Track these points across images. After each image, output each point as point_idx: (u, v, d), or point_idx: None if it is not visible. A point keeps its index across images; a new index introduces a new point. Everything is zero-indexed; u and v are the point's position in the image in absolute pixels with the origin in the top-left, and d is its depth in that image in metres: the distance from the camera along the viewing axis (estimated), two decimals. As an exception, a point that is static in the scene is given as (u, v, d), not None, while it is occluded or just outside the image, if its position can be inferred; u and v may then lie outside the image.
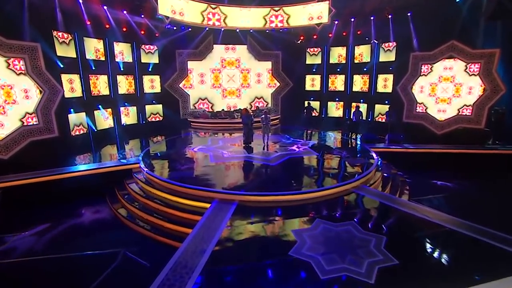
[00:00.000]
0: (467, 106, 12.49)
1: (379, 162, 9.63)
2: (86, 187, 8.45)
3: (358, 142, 12.90)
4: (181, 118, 17.88)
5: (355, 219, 5.93)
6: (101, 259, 5.80)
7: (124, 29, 14.15)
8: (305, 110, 17.46)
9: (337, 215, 6.24)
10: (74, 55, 11.90)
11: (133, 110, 15.53)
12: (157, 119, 16.78)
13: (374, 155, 10.30)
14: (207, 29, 16.91)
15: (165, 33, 15.70)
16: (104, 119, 13.83)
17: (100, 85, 13.53)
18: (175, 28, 15.92)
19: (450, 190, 9.86)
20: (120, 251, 5.90)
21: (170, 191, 7.42)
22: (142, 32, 14.86)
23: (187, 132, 15.88)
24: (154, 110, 16.66)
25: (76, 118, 12.10)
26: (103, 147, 12.39)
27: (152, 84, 16.41)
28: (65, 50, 11.47)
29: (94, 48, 13.08)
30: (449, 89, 12.84)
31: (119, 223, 7.35)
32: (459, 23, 11.92)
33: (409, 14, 13.63)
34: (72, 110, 11.73)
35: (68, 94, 11.43)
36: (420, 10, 13.14)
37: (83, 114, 12.52)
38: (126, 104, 15.07)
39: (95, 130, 13.16)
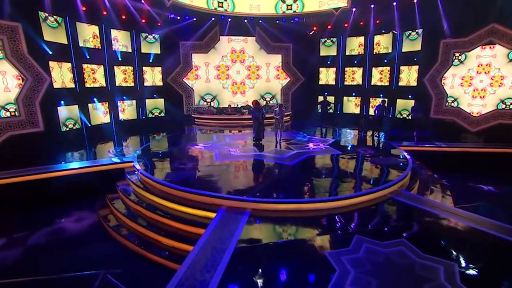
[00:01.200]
0: (510, 99, 10.94)
1: (414, 163, 8.17)
2: (70, 190, 7.20)
3: (383, 140, 11.43)
4: (184, 114, 16.63)
5: (404, 235, 4.52)
6: (74, 284, 4.50)
7: (123, 17, 12.94)
8: (320, 105, 16.03)
9: (380, 230, 4.83)
10: (65, 41, 10.67)
11: (132, 104, 14.29)
12: (159, 115, 15.51)
13: (405, 154, 8.86)
14: (213, 18, 15.62)
15: (168, 23, 14.46)
16: (102, 114, 12.62)
17: (96, 75, 12.30)
18: (178, 17, 14.68)
19: (497, 196, 8.35)
20: (99, 274, 4.59)
21: (167, 196, 6.09)
22: (143, 21, 13.63)
23: (191, 129, 14.58)
24: (155, 105, 15.40)
25: (67, 112, 10.89)
26: (97, 144, 11.14)
27: (153, 76, 15.15)
28: (55, 35, 10.24)
29: (90, 34, 11.86)
30: (487, 80, 11.30)
31: (105, 235, 6.05)
32: (501, 2, 10.38)
33: (438, -2, 12.13)
34: (62, 102, 10.51)
35: (57, 84, 10.21)
36: None
37: (76, 107, 11.29)
38: (124, 97, 13.84)
39: (89, 126, 11.94)
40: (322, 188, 6.44)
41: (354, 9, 14.20)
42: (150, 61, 14.61)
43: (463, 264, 3.84)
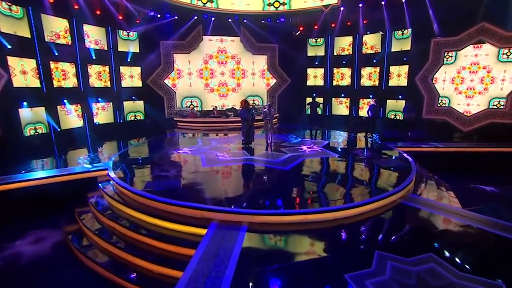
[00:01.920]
0: (501, 98, 10.83)
1: (416, 164, 7.69)
2: (29, 204, 6.10)
3: (377, 141, 10.99)
4: (166, 117, 15.62)
5: (430, 247, 3.89)
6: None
7: (98, 12, 11.87)
8: (309, 106, 15.53)
9: (400, 242, 4.17)
10: (28, 35, 9.48)
11: (108, 107, 13.12)
12: (138, 118, 14.39)
13: (405, 155, 8.39)
14: (195, 17, 14.84)
15: (147, 20, 13.50)
16: (74, 116, 11.41)
17: (67, 74, 11.10)
18: (159, 15, 13.77)
19: (501, 196, 8.02)
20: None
21: (147, 209, 5.17)
22: (120, 17, 12.59)
23: (173, 133, 13.58)
24: (134, 108, 14.28)
25: (32, 114, 9.64)
26: (67, 150, 9.94)
27: (131, 76, 14.05)
28: (14, 27, 9.04)
29: (61, 28, 10.69)
30: (477, 79, 11.18)
31: (71, 258, 5.02)
32: (490, 2, 10.30)
33: (426, -4, 11.98)
34: (25, 103, 9.27)
35: (18, 83, 8.99)
36: None
37: (42, 109, 10.05)
38: (99, 99, 12.66)
39: (59, 130, 10.69)
40: (326, 196, 5.75)
41: (342, 8, 13.86)
42: (128, 60, 13.53)
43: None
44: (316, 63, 16.16)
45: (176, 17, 14.49)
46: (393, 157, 8.48)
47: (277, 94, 17.44)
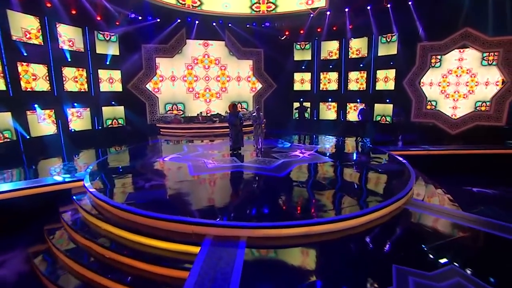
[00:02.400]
0: (485, 101, 11.01)
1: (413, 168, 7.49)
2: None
3: (369, 145, 10.81)
4: (148, 124, 14.85)
5: (449, 258, 3.54)
6: None
7: (73, 12, 11.11)
8: (297, 111, 15.27)
9: (417, 254, 3.79)
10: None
11: (85, 112, 12.22)
12: (118, 125, 13.54)
13: (401, 159, 8.20)
14: (178, 20, 14.35)
15: (128, 22, 12.85)
16: (47, 123, 10.47)
17: (38, 77, 10.20)
18: (140, 17, 13.16)
19: (494, 198, 7.96)
20: None
21: (130, 225, 4.53)
22: (99, 18, 11.85)
23: (156, 140, 12.84)
24: (114, 114, 13.43)
25: (-4, 121, 8.69)
26: (38, 160, 9.01)
27: (110, 80, 13.24)
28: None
29: (33, 26, 9.85)
30: (462, 82, 11.33)
31: (37, 285, 4.27)
32: (472, 8, 10.51)
33: (410, 2, 12.13)
34: (-13, 108, 8.35)
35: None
36: None
37: (8, 114, 9.10)
38: (75, 104, 11.76)
39: (28, 138, 9.73)
40: (328, 205, 5.33)
41: (328, 13, 13.82)
42: (107, 63, 12.73)
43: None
44: (303, 67, 16.00)
45: (158, 20, 13.93)
46: (389, 161, 8.26)
47: (263, 99, 17.11)
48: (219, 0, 13.42)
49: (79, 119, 11.96)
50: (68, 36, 11.29)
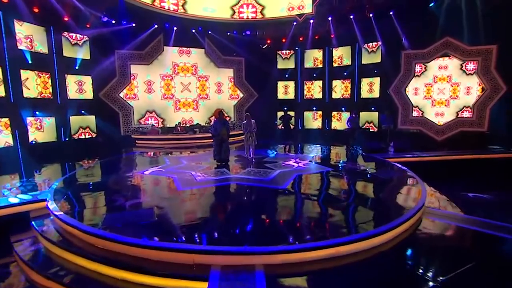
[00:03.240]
0: (467, 107, 11.22)
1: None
2: None
3: (361, 153, 10.48)
4: (122, 135, 13.61)
5: (500, 275, 3.00)
6: None
7: (36, 10, 9.91)
8: (281, 120, 14.81)
9: (463, 275, 3.21)
10: None
11: (49, 122, 10.79)
12: (88, 136, 12.17)
13: (400, 166, 7.86)
14: (155, 26, 13.56)
15: (101, 25, 11.82)
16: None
17: (-10, 82, 8.80)
18: (113, 21, 12.19)
19: (494, 203, 7.81)
20: None
21: (108, 256, 3.54)
22: (66, 18, 10.71)
23: (132, 152, 11.63)
24: (84, 123, 12.07)
25: None
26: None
27: (80, 87, 11.94)
28: None
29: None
30: (446, 90, 11.52)
31: None
32: (451, 18, 10.81)
33: (391, 13, 12.33)
34: None
35: None
36: (401, 9, 11.95)
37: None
38: (37, 113, 10.33)
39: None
40: (342, 219, 4.67)
41: (312, 21, 13.71)
42: (77, 68, 11.48)
43: None
44: (287, 76, 15.70)
45: (133, 24, 13.01)
46: (389, 169, 7.87)
47: (245, 109, 16.53)
48: (200, 4, 12.75)
49: (37, 131, 10.47)
50: (23, 32, 9.94)
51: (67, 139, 11.22)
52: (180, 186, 6.21)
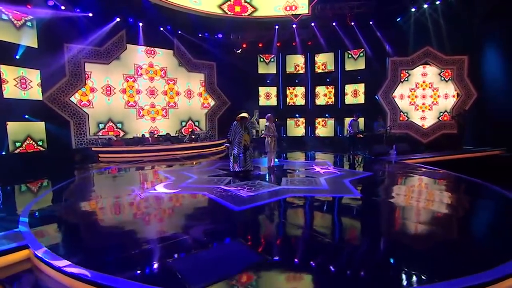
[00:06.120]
0: (446, 112, 12.12)
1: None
2: None
3: (370, 157, 10.18)
4: (74, 148, 10.78)
5: None
6: None
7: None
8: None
9: None
10: None
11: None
12: (34, 149, 9.09)
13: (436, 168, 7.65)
14: (117, 19, 11.44)
15: (46, 8, 9.18)
16: None
17: None
18: (63, 7, 9.74)
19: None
20: None
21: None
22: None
23: (104, 168, 9.04)
24: (29, 132, 8.99)
25: None
26: None
27: (22, 83, 8.92)
28: None
29: None
30: (428, 95, 12.30)
31: None
32: (431, 29, 11.69)
33: (371, 22, 12.83)
34: None
35: None
36: (379, 19, 12.57)
37: None
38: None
39: None
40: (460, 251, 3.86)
41: (294, 26, 13.34)
42: (17, 57, 8.52)
43: None
44: (268, 81, 14.90)
45: (90, 14, 10.65)
46: (427, 171, 7.53)
47: (217, 118, 15.09)
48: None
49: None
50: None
51: (3, 152, 8.05)
52: (232, 206, 4.61)
